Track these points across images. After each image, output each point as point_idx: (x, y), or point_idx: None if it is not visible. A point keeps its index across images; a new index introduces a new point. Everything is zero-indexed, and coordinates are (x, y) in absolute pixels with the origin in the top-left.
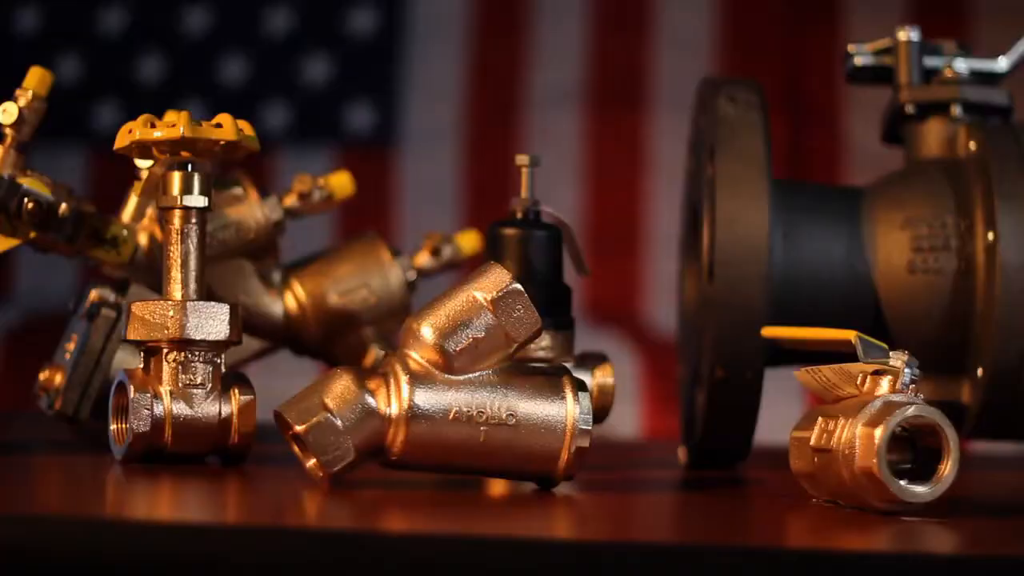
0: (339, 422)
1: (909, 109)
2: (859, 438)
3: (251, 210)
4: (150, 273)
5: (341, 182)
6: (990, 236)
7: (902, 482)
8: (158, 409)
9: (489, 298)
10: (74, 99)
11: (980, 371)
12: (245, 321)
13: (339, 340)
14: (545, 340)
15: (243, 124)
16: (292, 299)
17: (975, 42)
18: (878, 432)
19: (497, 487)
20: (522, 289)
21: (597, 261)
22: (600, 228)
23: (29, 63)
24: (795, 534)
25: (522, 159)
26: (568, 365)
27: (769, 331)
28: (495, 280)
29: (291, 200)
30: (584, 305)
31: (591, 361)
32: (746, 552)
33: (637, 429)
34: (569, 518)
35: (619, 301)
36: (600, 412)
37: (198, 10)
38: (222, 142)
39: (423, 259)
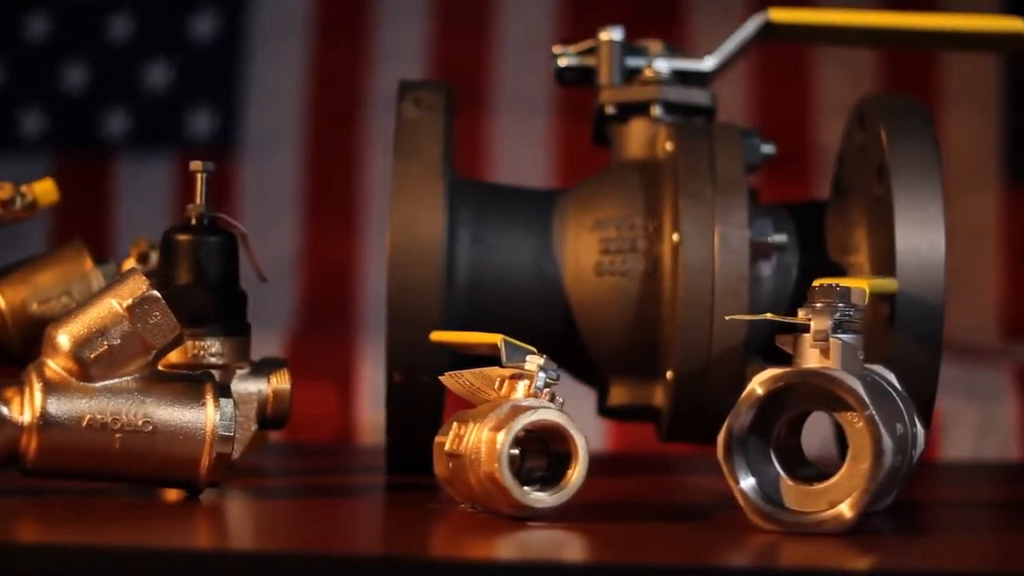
0: None
1: (609, 110)
2: (484, 443)
3: None
4: None
5: (44, 189)
6: (675, 237)
7: (525, 488)
8: None
9: (125, 304)
10: None
11: (669, 374)
12: None
13: (40, 348)
14: (216, 346)
15: None
16: None
17: None
18: (500, 436)
19: (150, 494)
20: (159, 296)
21: None
22: None
23: None
24: (423, 541)
25: (196, 165)
26: (243, 371)
27: (437, 335)
28: (132, 287)
29: None
30: None
31: (268, 367)
32: (347, 560)
33: None
34: (208, 527)
35: None
36: (277, 417)
37: (38, 17)
38: None
39: (130, 266)
